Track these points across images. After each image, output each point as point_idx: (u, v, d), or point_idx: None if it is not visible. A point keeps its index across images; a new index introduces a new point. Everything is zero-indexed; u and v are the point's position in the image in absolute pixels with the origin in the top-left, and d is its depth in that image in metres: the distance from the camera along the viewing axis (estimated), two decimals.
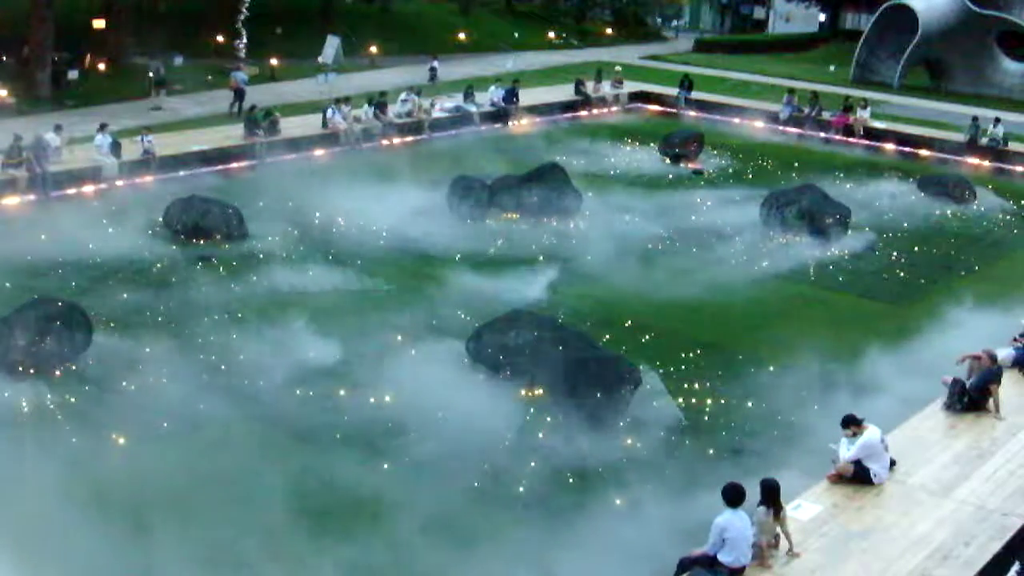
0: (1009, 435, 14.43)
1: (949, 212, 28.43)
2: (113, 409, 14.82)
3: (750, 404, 16.29)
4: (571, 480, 13.90)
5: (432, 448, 14.19)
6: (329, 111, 31.25)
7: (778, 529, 11.13)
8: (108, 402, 15.06)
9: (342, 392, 15.69)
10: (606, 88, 40.88)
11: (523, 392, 15.76)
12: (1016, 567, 10.87)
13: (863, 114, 37.50)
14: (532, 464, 14.12)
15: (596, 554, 12.13)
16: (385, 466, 13.81)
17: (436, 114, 34.19)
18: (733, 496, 10.74)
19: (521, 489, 13.57)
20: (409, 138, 32.81)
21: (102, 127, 26.14)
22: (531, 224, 24.45)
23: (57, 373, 15.63)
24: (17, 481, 12.72)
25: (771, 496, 11.03)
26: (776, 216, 25.01)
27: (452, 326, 18.11)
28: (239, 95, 34.22)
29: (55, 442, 13.72)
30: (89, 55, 37.05)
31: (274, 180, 27.34)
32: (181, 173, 26.64)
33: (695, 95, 40.73)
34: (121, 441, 13.95)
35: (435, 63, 42.73)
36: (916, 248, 25.53)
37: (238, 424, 14.57)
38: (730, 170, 32.23)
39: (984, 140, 35.54)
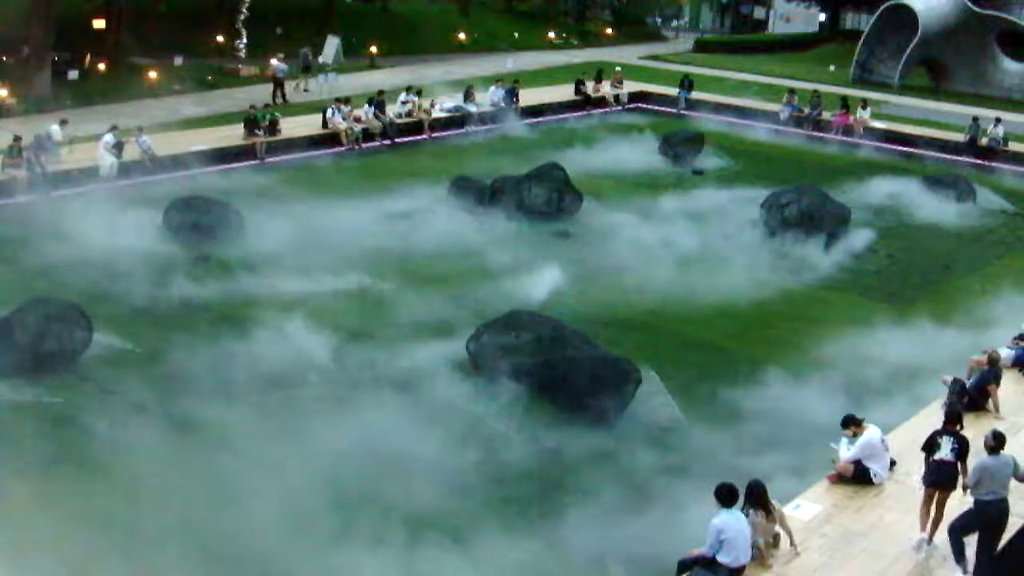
0: (1009, 435, 14.39)
1: (949, 212, 28.40)
2: (113, 409, 14.83)
3: (750, 404, 16.28)
4: (571, 480, 13.91)
5: (432, 448, 14.22)
6: (329, 111, 31.30)
7: (777, 528, 11.12)
8: (108, 402, 15.06)
9: (341, 392, 15.69)
10: (606, 88, 40.87)
11: (523, 392, 15.79)
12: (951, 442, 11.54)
13: (863, 114, 37.49)
14: (532, 464, 14.15)
15: (595, 554, 12.14)
16: (386, 464, 13.81)
17: (436, 114, 34.22)
18: (727, 496, 10.65)
19: (521, 489, 13.59)
20: (409, 138, 32.82)
21: (112, 128, 26.18)
22: (531, 224, 24.45)
23: (56, 373, 15.62)
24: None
25: (757, 498, 10.96)
26: (776, 216, 25.01)
27: (452, 326, 18.10)
28: (279, 85, 35.64)
29: (54, 443, 13.75)
30: (89, 55, 37.04)
31: (274, 180, 27.36)
32: (181, 173, 26.63)
33: (695, 95, 40.74)
34: (120, 440, 13.95)
35: (307, 50, 40.90)
36: (916, 248, 25.54)
37: (236, 424, 14.56)
38: (730, 170, 32.22)
39: (984, 140, 35.54)
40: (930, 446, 11.62)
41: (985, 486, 10.95)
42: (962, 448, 11.52)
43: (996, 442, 11.06)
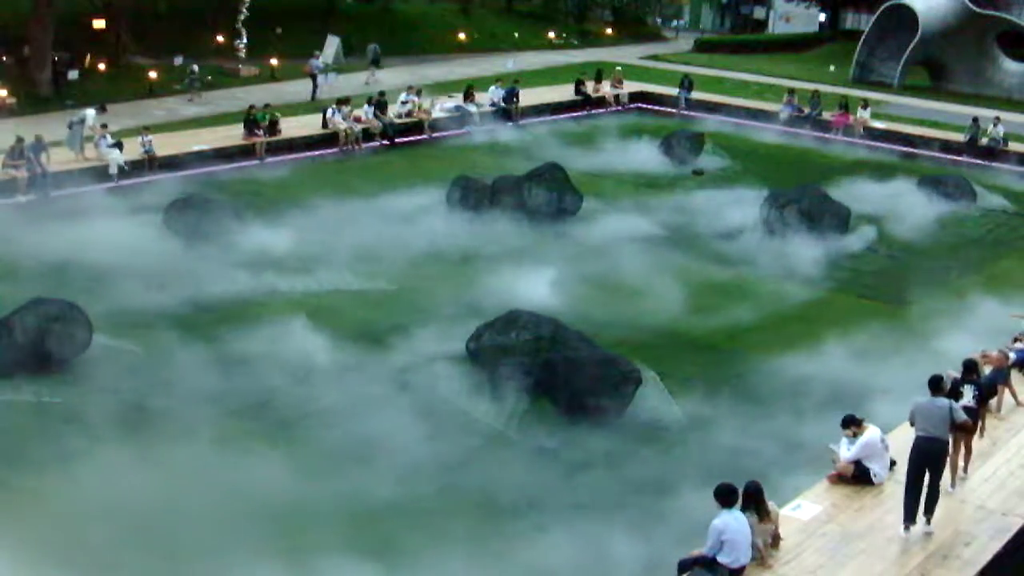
0: (1009, 435, 14.43)
1: (949, 212, 28.38)
2: (113, 409, 14.82)
3: (749, 404, 16.28)
4: (571, 480, 13.90)
5: (433, 447, 14.22)
6: (329, 111, 31.30)
7: (774, 528, 11.11)
8: (108, 402, 15.05)
9: (341, 391, 15.69)
10: (606, 88, 40.85)
11: (523, 392, 15.78)
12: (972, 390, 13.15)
13: (863, 114, 37.50)
14: (532, 464, 14.14)
15: (595, 555, 12.14)
16: (387, 462, 13.81)
17: (436, 114, 34.20)
18: (727, 496, 10.62)
19: (521, 488, 13.58)
20: (409, 138, 32.81)
21: (103, 127, 26.22)
22: (531, 224, 24.43)
23: (56, 373, 15.60)
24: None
25: (752, 500, 10.93)
26: (776, 216, 25.01)
27: (452, 326, 18.09)
28: (316, 81, 37.15)
29: (55, 444, 13.74)
30: (89, 55, 37.02)
31: (274, 180, 27.37)
32: (181, 173, 26.65)
33: (695, 95, 40.72)
34: (121, 441, 13.94)
35: (375, 45, 42.51)
36: (916, 248, 25.53)
37: (236, 424, 14.56)
38: (730, 170, 32.20)
39: (984, 140, 35.54)
40: (954, 395, 12.53)
41: (920, 423, 11.82)
42: (983, 394, 13.26)
43: (931, 381, 11.97)
